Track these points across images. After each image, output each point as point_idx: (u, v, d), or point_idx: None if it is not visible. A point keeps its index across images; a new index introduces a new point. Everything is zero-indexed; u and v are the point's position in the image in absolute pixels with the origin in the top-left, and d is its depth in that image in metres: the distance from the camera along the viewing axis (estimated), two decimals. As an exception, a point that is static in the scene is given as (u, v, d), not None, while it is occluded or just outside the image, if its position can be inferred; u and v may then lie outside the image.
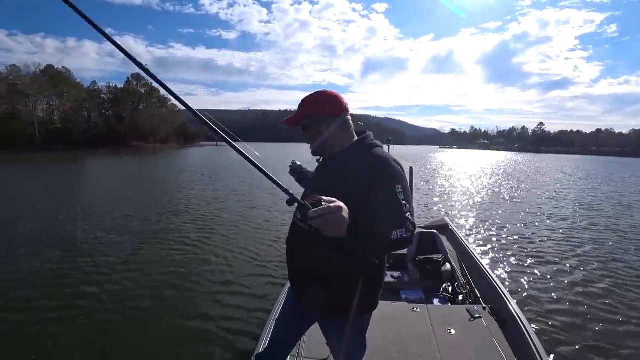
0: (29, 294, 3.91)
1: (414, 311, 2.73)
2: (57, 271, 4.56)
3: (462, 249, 4.00)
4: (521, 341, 2.20)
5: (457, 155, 68.62)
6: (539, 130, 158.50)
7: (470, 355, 2.21)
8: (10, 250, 5.30)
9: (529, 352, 2.08)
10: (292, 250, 1.45)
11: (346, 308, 1.30)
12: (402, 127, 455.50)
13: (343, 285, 1.30)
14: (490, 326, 2.50)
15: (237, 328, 3.25)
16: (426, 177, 19.72)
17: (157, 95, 77.04)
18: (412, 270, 3.57)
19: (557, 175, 23.90)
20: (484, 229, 7.33)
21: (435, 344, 2.31)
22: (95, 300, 3.81)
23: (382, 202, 1.15)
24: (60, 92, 58.16)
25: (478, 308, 2.74)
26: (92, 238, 6.02)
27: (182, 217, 7.79)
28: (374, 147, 1.34)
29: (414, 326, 2.53)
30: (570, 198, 12.85)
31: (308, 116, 1.36)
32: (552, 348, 2.97)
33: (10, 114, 49.08)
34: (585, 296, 4.07)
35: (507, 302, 2.61)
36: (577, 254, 5.69)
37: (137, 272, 4.58)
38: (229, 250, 5.53)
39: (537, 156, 73.97)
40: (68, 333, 3.16)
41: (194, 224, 7.20)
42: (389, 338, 2.36)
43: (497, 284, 2.95)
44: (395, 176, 1.20)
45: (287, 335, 1.59)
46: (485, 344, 2.31)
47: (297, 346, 2.19)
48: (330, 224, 0.97)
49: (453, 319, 2.60)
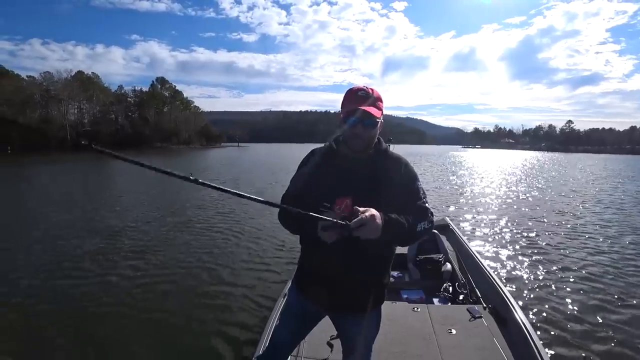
0: (75, 272, 4.41)
1: (414, 311, 2.73)
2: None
3: (463, 248, 3.97)
4: (522, 341, 2.19)
5: (479, 155, 66.76)
6: (567, 128, 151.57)
7: (470, 355, 2.21)
8: (50, 236, 5.79)
9: (529, 352, 2.06)
10: (326, 255, 1.35)
11: (372, 302, 1.40)
12: (424, 127, 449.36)
13: (373, 280, 1.41)
14: (490, 326, 2.49)
15: (237, 329, 3.24)
16: (441, 175, 19.46)
17: (180, 98, 79.37)
18: (413, 270, 3.58)
19: (576, 174, 23.01)
20: (484, 229, 7.23)
21: (435, 344, 2.32)
22: (94, 298, 3.84)
23: (411, 202, 1.30)
24: (90, 96, 60.85)
25: (479, 308, 2.73)
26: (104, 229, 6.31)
27: (185, 217, 7.87)
28: (388, 151, 1.39)
29: (414, 326, 2.53)
30: (580, 197, 12.41)
31: (381, 110, 1.29)
32: (553, 348, 2.93)
33: (44, 118, 51.77)
34: (587, 296, 4.00)
35: (507, 301, 2.59)
36: (578, 254, 5.56)
37: (137, 270, 4.66)
38: (229, 250, 5.55)
39: (565, 155, 71.05)
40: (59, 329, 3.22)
41: (196, 224, 7.29)
42: (390, 338, 2.36)
43: (497, 283, 2.93)
44: (416, 175, 1.37)
45: (290, 338, 1.57)
46: (485, 343, 2.31)
47: (297, 346, 2.20)
48: (369, 232, 1.10)
49: (453, 319, 2.60)
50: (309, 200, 1.30)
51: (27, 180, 16.12)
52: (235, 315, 3.51)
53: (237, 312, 3.56)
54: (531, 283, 4.34)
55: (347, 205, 1.22)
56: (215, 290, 4.08)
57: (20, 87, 51.80)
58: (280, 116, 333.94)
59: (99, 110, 62.98)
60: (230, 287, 4.18)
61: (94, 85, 62.90)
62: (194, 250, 5.55)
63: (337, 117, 1.44)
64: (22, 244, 5.67)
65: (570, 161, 43.88)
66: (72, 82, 58.34)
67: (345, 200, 1.24)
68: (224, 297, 3.92)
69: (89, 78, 63.62)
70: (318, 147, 1.48)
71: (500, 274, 4.54)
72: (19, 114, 48.50)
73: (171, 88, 79.78)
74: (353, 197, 1.23)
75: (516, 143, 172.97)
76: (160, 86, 77.81)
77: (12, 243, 5.74)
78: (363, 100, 1.25)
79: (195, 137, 78.02)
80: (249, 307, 3.67)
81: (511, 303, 2.56)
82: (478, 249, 5.31)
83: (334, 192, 1.27)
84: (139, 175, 15.07)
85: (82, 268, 4.74)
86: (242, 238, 6.25)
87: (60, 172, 20.64)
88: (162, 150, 54.66)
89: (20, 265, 4.78)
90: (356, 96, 1.27)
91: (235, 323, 3.34)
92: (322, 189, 1.32)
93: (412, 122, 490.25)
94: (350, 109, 1.27)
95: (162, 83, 78.55)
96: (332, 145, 1.40)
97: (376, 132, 1.32)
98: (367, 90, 1.27)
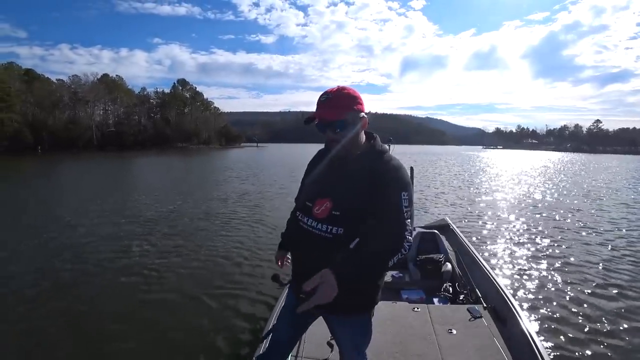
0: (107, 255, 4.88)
1: (414, 311, 2.74)
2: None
3: (463, 248, 3.95)
4: (522, 341, 2.18)
5: (497, 155, 65.09)
6: (595, 127, 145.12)
7: (471, 355, 2.22)
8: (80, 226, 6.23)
9: (529, 352, 2.06)
10: (302, 253, 1.40)
11: (362, 305, 1.37)
12: (444, 127, 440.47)
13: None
14: (491, 326, 2.49)
15: (238, 329, 3.25)
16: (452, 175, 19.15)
17: (200, 99, 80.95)
18: (413, 270, 3.58)
19: (594, 175, 22.19)
20: (484, 229, 7.17)
21: (436, 344, 2.32)
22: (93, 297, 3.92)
23: (390, 212, 1.18)
24: (114, 98, 63.16)
25: (479, 308, 2.73)
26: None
27: (187, 218, 7.91)
28: (385, 152, 1.32)
29: (414, 326, 2.53)
30: (584, 197, 12.08)
31: (348, 110, 1.22)
32: (553, 348, 2.91)
33: (72, 120, 54.02)
34: (588, 296, 3.93)
35: (508, 301, 2.58)
36: (579, 254, 5.46)
37: (138, 268, 4.75)
38: (230, 251, 5.56)
39: (592, 156, 68.29)
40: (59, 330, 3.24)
41: (199, 224, 7.37)
42: (390, 338, 2.38)
43: (498, 283, 2.92)
44: (406, 183, 1.24)
45: (287, 336, 1.55)
46: (486, 343, 2.31)
47: (297, 346, 2.24)
48: (325, 297, 1.05)
49: (454, 319, 2.60)
50: (298, 196, 1.44)
51: (55, 177, 17.31)
52: (235, 315, 3.52)
53: (237, 312, 3.57)
54: (532, 283, 4.30)
55: (327, 207, 1.25)
56: (215, 290, 4.10)
57: (51, 90, 54.35)
58: (299, 116, 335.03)
59: (123, 111, 65.32)
60: (231, 286, 4.21)
61: (119, 88, 65.17)
62: (196, 250, 5.60)
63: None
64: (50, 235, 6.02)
65: (595, 162, 42.27)
66: (98, 84, 60.72)
67: (325, 201, 1.27)
68: (224, 296, 3.93)
69: (113, 81, 65.96)
70: (322, 148, 1.48)
71: (500, 274, 4.50)
72: (49, 116, 50.91)
73: (192, 89, 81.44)
74: (334, 200, 1.25)
75: (540, 143, 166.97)
76: (181, 88, 79.56)
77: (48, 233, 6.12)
78: (321, 104, 1.23)
79: (214, 137, 79.30)
80: (249, 306, 3.68)
81: (512, 303, 2.54)
82: (478, 249, 5.29)
83: (316, 192, 1.32)
84: (159, 172, 15.56)
85: (84, 263, 4.92)
86: (244, 238, 6.28)
87: (86, 170, 21.87)
88: (182, 150, 55.94)
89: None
90: (318, 102, 1.24)
91: (236, 323, 3.36)
92: (307, 188, 1.40)
93: (432, 122, 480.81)
94: (312, 116, 1.28)
95: (183, 84, 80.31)
96: (326, 146, 1.39)
97: (350, 132, 1.24)
98: (328, 94, 1.23)
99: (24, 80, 51.04)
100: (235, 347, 2.99)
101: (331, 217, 1.24)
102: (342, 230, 1.22)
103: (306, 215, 1.32)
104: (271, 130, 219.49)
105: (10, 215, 8.07)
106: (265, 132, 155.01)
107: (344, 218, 1.22)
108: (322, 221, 1.25)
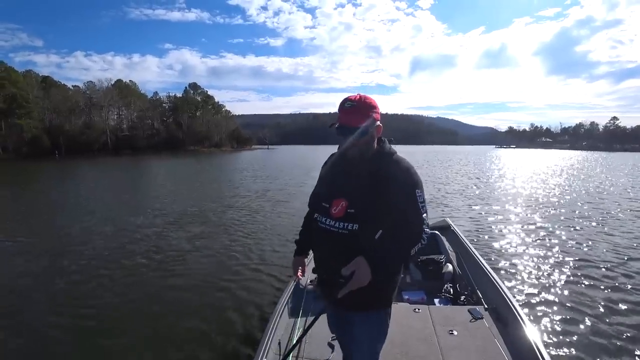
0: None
1: (415, 312, 2.73)
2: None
3: (464, 249, 3.92)
4: (523, 342, 2.18)
5: (509, 154, 63.70)
6: (611, 125, 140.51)
7: (472, 356, 2.22)
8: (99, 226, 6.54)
9: (530, 353, 2.06)
10: (324, 250, 1.48)
11: (381, 301, 1.47)
12: (456, 127, 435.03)
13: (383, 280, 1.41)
14: (492, 327, 2.49)
15: (238, 329, 3.27)
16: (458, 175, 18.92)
17: (211, 102, 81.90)
18: (414, 271, 3.55)
19: (606, 173, 21.43)
20: (485, 229, 7.10)
21: (437, 345, 2.33)
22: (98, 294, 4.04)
23: (408, 211, 1.32)
24: (128, 103, 64.56)
25: (480, 309, 2.72)
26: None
27: (190, 218, 8.13)
28: (393, 154, 1.41)
29: (415, 327, 2.53)
30: (586, 195, 11.87)
31: (369, 118, 1.31)
32: (554, 349, 2.91)
33: (87, 125, 55.37)
34: (589, 298, 3.88)
35: (509, 303, 2.57)
36: (581, 255, 5.37)
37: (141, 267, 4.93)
38: (231, 251, 5.63)
39: (609, 155, 66.46)
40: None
41: (202, 223, 7.55)
42: (391, 339, 2.36)
43: (499, 284, 2.90)
44: (417, 182, 1.36)
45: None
46: (487, 344, 2.31)
47: (298, 347, 2.24)
48: (360, 280, 1.22)
49: (455, 320, 2.60)
50: (314, 200, 1.53)
51: (76, 180, 18.07)
52: (236, 314, 3.54)
53: (238, 312, 3.58)
54: (533, 284, 4.27)
55: (343, 206, 1.35)
56: (216, 290, 4.14)
57: (67, 96, 55.84)
58: (310, 118, 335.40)
59: (136, 115, 66.70)
60: (232, 285, 4.25)
61: (132, 93, 66.67)
62: (198, 249, 5.71)
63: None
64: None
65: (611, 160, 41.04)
66: (112, 90, 62.24)
67: (341, 201, 1.36)
68: (225, 296, 3.96)
69: (127, 86, 67.55)
70: (334, 152, 1.56)
71: (501, 275, 4.47)
72: (65, 121, 52.28)
73: (203, 93, 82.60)
74: (349, 199, 1.35)
75: (554, 142, 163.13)
76: (192, 91, 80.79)
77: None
78: (347, 110, 1.33)
79: (226, 140, 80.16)
80: (250, 306, 3.70)
81: (512, 304, 2.54)
82: (479, 250, 5.29)
83: (332, 193, 1.42)
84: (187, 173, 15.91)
85: (87, 264, 5.10)
86: (245, 238, 6.38)
87: (109, 172, 23.02)
88: (194, 153, 56.76)
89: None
90: (342, 108, 1.34)
91: (237, 323, 3.39)
92: (323, 190, 1.50)
93: (444, 122, 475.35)
94: (335, 122, 1.36)
95: (194, 88, 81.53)
96: (338, 149, 1.47)
97: (368, 139, 1.35)
98: (352, 100, 1.33)
99: (41, 87, 52.60)
100: (235, 346, 3.02)
101: (347, 215, 1.34)
102: (357, 226, 1.33)
103: (324, 215, 1.41)
104: (281, 132, 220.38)
105: (75, 215, 8.66)
106: (276, 134, 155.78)
107: (359, 215, 1.33)
108: (340, 219, 1.36)
